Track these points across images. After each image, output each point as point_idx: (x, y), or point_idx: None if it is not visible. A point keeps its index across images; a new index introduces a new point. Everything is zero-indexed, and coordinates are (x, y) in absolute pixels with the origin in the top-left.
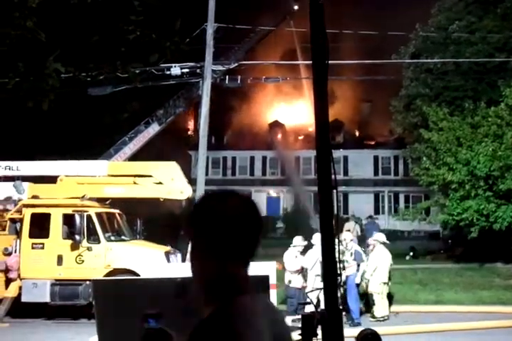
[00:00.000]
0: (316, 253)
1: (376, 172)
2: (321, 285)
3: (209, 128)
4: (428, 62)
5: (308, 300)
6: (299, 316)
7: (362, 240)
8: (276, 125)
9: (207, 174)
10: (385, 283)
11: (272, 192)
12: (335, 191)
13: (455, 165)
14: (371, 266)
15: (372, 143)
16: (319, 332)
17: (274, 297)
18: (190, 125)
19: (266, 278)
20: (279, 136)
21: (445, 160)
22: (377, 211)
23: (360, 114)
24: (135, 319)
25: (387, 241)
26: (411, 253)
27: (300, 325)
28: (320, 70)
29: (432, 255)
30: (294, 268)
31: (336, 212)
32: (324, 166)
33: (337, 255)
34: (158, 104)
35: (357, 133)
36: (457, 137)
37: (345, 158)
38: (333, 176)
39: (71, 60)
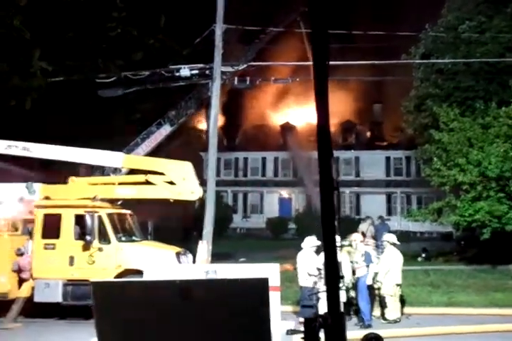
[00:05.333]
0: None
1: (388, 173)
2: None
3: (221, 130)
4: (438, 62)
5: (312, 302)
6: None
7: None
8: (287, 126)
9: (219, 175)
10: (397, 285)
11: (284, 193)
12: (336, 192)
13: (466, 166)
14: (383, 268)
15: (384, 144)
16: (322, 335)
17: (277, 299)
18: (202, 126)
19: (265, 281)
20: (291, 137)
21: (456, 161)
22: (389, 212)
23: (371, 115)
24: (134, 321)
25: (398, 242)
26: (423, 255)
27: (302, 329)
28: (321, 71)
29: (444, 256)
30: (309, 269)
31: (337, 213)
32: (325, 167)
33: (338, 257)
34: (170, 105)
35: (368, 134)
36: (468, 138)
37: (357, 159)
38: (335, 177)
39: (54, 58)
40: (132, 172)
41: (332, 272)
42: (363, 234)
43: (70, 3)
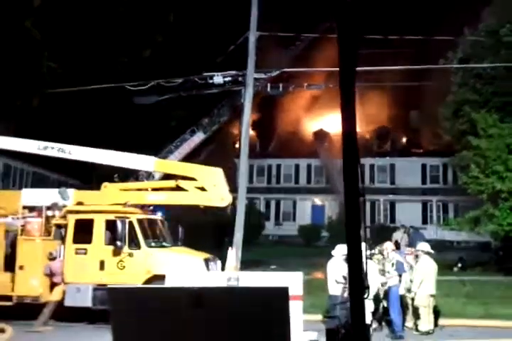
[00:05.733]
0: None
1: (424, 181)
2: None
3: (254, 136)
4: (477, 66)
5: (337, 312)
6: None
7: None
8: (321, 133)
9: (252, 182)
10: (431, 296)
11: (317, 200)
12: (362, 199)
13: (505, 174)
14: (417, 278)
15: (421, 151)
16: None
17: (299, 309)
18: (236, 133)
19: (285, 290)
20: (324, 144)
21: (494, 169)
22: (425, 220)
23: (408, 122)
24: (149, 328)
25: (432, 251)
26: (459, 265)
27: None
28: (347, 77)
29: (481, 266)
30: (337, 278)
31: (363, 220)
32: (351, 173)
33: (364, 266)
34: (204, 113)
35: (404, 141)
36: (507, 144)
37: (392, 166)
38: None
39: (62, 58)
40: (166, 178)
41: (356, 282)
42: (397, 243)
43: (79, 4)
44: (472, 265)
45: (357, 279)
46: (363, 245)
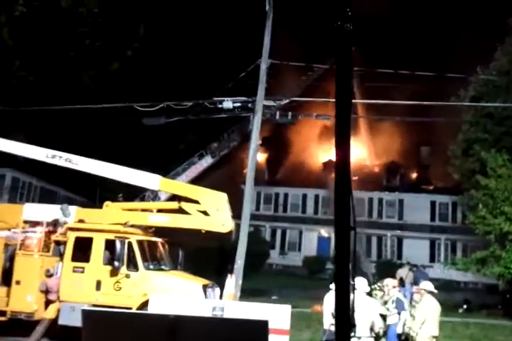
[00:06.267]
0: (356, 299)
1: (433, 218)
2: (360, 333)
3: (263, 164)
4: (489, 106)
5: None
6: None
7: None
8: (330, 164)
9: (258, 209)
10: (434, 337)
11: (323, 232)
12: (353, 232)
13: None
14: (419, 318)
15: (430, 187)
16: None
17: None
18: (245, 159)
19: (264, 323)
20: (333, 175)
21: (503, 209)
22: (432, 259)
23: (418, 157)
24: None
25: (435, 291)
26: (464, 306)
27: None
28: (343, 107)
29: (487, 309)
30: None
31: (353, 254)
32: (342, 205)
33: (351, 303)
34: (213, 137)
35: (414, 177)
36: None
37: (401, 202)
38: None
39: (33, 68)
40: (172, 200)
41: (343, 319)
42: (402, 280)
43: (49, 16)
44: (478, 307)
45: (343, 316)
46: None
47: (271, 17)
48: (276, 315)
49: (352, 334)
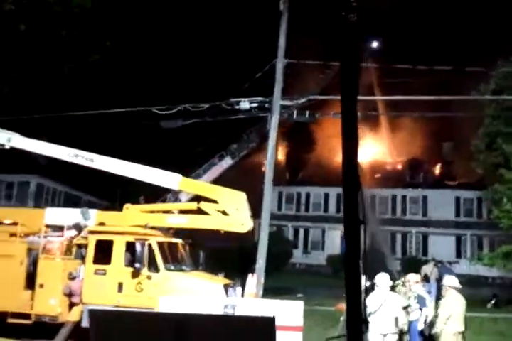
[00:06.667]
0: (380, 295)
1: (458, 214)
2: (385, 330)
3: (284, 164)
4: (510, 99)
5: None
6: None
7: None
8: None
9: (280, 209)
10: (459, 333)
11: None
12: (363, 226)
13: None
14: (444, 314)
15: (454, 183)
16: None
17: (298, 340)
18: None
19: (271, 320)
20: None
21: None
22: (458, 255)
23: (441, 153)
24: None
25: (459, 286)
26: (493, 301)
27: None
28: (349, 106)
29: None
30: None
31: (363, 248)
32: (351, 202)
33: (362, 298)
34: (231, 139)
35: (438, 173)
36: None
37: (425, 198)
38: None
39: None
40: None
41: (354, 315)
42: (426, 277)
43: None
44: (506, 302)
45: (355, 312)
46: (363, 277)
47: (286, 16)
48: (289, 311)
49: (363, 329)
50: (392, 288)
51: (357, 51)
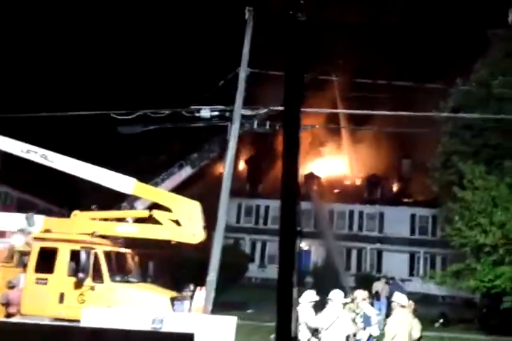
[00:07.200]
0: (333, 311)
1: (413, 231)
2: None
3: (245, 176)
4: (467, 117)
5: None
6: None
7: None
8: (311, 177)
9: (239, 221)
10: None
11: (303, 244)
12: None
13: (489, 227)
14: (389, 333)
15: (411, 200)
16: None
17: None
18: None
19: (190, 337)
20: (314, 187)
21: (478, 221)
22: (411, 272)
23: (400, 170)
24: None
25: (406, 304)
26: (441, 320)
27: None
28: (291, 118)
29: (464, 324)
30: (313, 325)
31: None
32: (288, 215)
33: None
34: (197, 147)
35: (395, 190)
36: (493, 197)
37: (381, 215)
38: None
39: None
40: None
41: (284, 331)
42: (377, 294)
43: None
44: (455, 321)
45: (284, 328)
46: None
47: (251, 25)
48: (220, 327)
49: None
50: (343, 305)
51: (304, 53)
